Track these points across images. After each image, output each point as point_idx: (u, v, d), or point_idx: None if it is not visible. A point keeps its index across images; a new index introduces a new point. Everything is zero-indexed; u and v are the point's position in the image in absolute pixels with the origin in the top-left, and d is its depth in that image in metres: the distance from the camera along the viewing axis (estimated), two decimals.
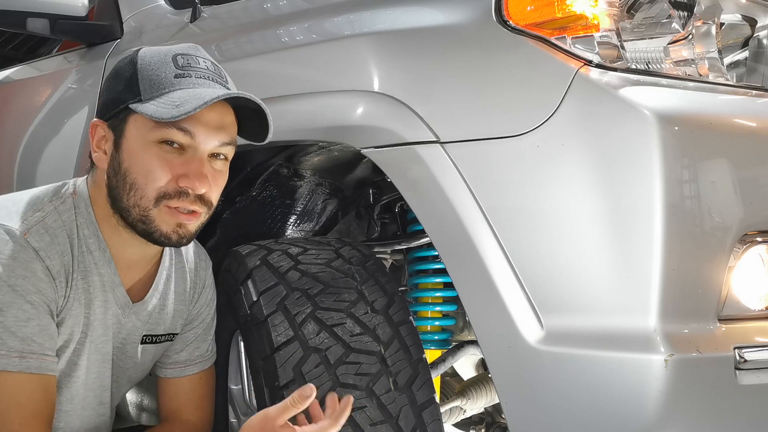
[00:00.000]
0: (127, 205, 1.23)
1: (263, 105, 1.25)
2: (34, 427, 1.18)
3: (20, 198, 1.27)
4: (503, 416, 1.66)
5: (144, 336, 1.42)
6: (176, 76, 1.22)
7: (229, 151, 1.28)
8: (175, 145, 1.21)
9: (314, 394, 1.17)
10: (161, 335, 1.45)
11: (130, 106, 1.21)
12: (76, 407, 1.33)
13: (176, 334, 1.49)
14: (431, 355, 1.71)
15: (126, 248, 1.31)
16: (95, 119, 1.28)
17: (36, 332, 1.18)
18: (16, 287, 1.16)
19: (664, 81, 1.26)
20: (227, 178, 1.30)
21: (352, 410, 1.26)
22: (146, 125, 1.21)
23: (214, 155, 1.25)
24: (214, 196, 1.27)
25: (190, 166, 1.21)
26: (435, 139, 1.31)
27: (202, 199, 1.24)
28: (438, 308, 1.67)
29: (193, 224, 1.26)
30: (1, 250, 1.17)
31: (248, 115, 1.28)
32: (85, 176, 1.34)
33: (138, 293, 1.38)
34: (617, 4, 1.28)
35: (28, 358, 1.17)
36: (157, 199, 1.21)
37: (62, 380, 1.30)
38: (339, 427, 1.20)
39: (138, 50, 1.27)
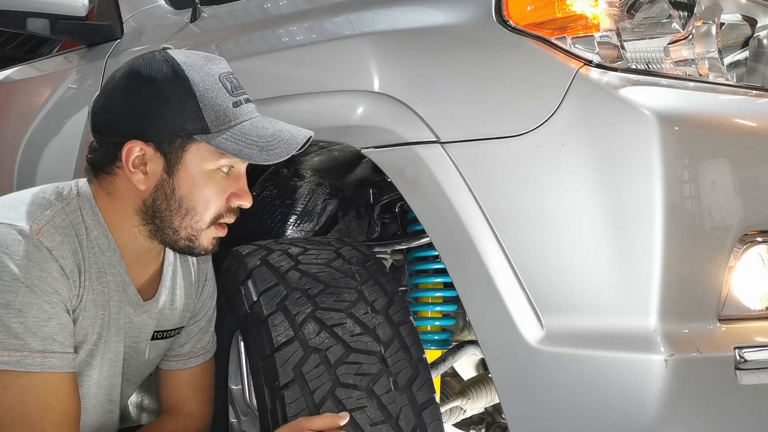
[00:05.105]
0: (179, 227, 1.28)
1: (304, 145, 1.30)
2: (66, 425, 1.19)
3: (23, 198, 1.27)
4: (503, 416, 1.66)
5: (155, 332, 1.44)
6: (234, 105, 1.26)
7: None
8: (226, 169, 1.28)
9: (347, 419, 1.24)
10: (171, 330, 1.48)
11: (197, 137, 1.23)
12: (87, 405, 1.34)
13: (183, 327, 1.51)
14: (431, 355, 1.71)
15: (131, 245, 1.33)
16: (134, 140, 1.23)
17: (57, 331, 1.19)
18: (35, 288, 1.16)
19: (664, 81, 1.26)
20: None
21: (353, 410, 1.27)
22: (212, 156, 1.25)
23: None
24: None
25: (238, 184, 1.30)
26: (435, 139, 1.31)
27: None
28: (438, 308, 1.66)
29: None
30: (15, 250, 1.17)
31: None
32: (85, 178, 1.34)
33: (147, 291, 1.40)
34: (617, 4, 1.28)
35: (50, 357, 1.18)
36: (212, 221, 1.29)
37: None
38: None
39: (178, 65, 1.24)
